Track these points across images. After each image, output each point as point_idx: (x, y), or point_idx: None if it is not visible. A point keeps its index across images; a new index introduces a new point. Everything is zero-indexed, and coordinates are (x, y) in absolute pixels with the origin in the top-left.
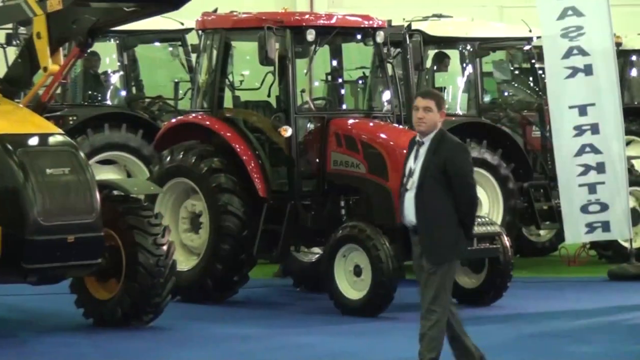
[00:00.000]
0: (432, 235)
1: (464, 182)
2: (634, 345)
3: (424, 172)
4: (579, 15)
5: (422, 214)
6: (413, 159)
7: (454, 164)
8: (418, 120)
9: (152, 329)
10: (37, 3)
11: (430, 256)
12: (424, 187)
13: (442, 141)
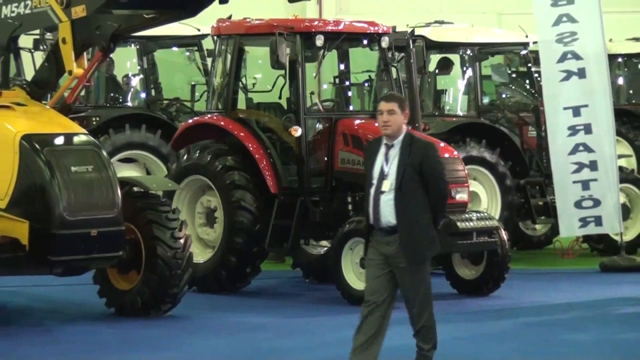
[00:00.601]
0: (413, 235)
1: (438, 179)
2: (624, 334)
3: (401, 174)
4: (572, 22)
5: (403, 215)
6: (384, 162)
7: (429, 163)
8: (384, 123)
9: (170, 317)
10: (62, 10)
11: (412, 256)
12: (402, 189)
13: (413, 142)
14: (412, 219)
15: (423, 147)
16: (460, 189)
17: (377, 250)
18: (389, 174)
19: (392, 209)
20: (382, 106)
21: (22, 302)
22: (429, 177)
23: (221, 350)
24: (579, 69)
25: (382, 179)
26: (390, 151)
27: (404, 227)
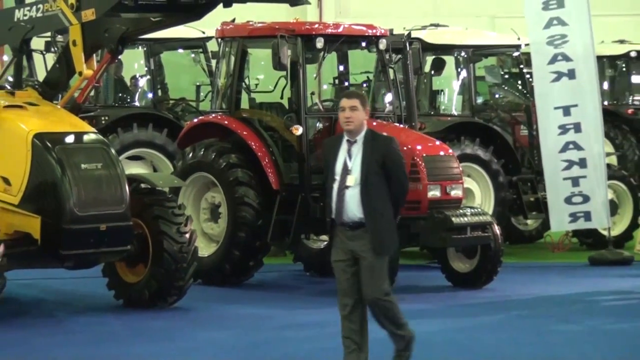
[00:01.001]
0: (379, 228)
1: (400, 172)
2: (612, 325)
3: (366, 169)
4: (563, 25)
5: (369, 209)
6: (347, 157)
7: (391, 158)
8: (346, 119)
9: (175, 309)
10: (72, 13)
11: (379, 247)
12: (368, 183)
13: (375, 138)
14: (377, 212)
15: (385, 142)
16: (455, 185)
17: (341, 249)
18: (352, 169)
19: (358, 203)
20: (344, 103)
21: (34, 294)
22: (391, 171)
23: (225, 341)
24: (569, 70)
25: (346, 174)
26: (353, 147)
27: (371, 220)
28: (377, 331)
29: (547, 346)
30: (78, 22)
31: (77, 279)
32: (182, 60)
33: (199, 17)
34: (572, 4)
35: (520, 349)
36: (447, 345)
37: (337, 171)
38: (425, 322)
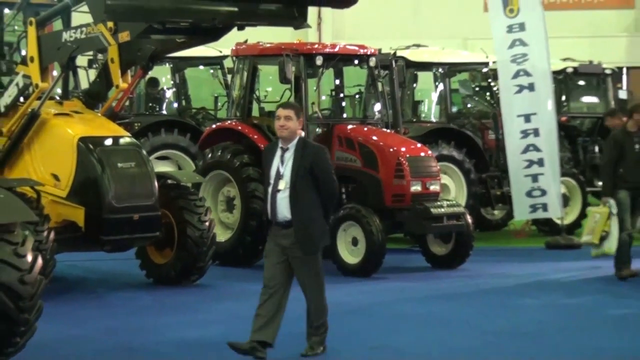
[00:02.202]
0: (306, 228)
1: (328, 178)
2: (564, 299)
3: (295, 174)
4: (524, 45)
5: (297, 210)
6: (280, 164)
7: (319, 165)
8: (280, 127)
9: (197, 286)
10: (111, 35)
11: (307, 247)
12: (296, 187)
13: (305, 146)
14: (305, 214)
15: (314, 151)
16: (434, 181)
17: (274, 242)
18: (284, 174)
19: (287, 205)
20: (280, 112)
21: (78, 274)
22: (320, 178)
23: (239, 312)
24: (529, 84)
25: (278, 178)
26: (286, 154)
27: (298, 221)
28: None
29: (510, 317)
30: (115, 42)
31: (114, 261)
32: (202, 75)
33: (216, 38)
34: (532, 28)
35: (488, 320)
36: (427, 317)
37: (271, 175)
38: (408, 298)
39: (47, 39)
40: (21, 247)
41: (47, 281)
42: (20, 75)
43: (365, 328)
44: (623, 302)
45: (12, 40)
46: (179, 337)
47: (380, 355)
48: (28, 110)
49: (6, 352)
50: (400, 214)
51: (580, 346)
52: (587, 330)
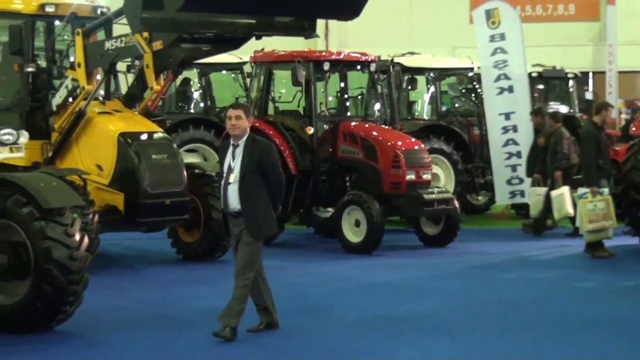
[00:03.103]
0: (255, 216)
1: (275, 172)
2: (538, 274)
3: (244, 168)
4: (504, 53)
5: (246, 201)
6: (231, 159)
7: (267, 160)
8: (232, 126)
9: (220, 262)
10: (146, 44)
11: (254, 233)
12: (245, 180)
13: (254, 143)
14: (253, 205)
15: (262, 147)
16: (426, 171)
17: (231, 231)
18: (234, 168)
19: (237, 196)
20: (231, 112)
21: (119, 251)
22: (267, 172)
23: None
24: (509, 86)
25: (229, 172)
26: (236, 150)
27: (247, 211)
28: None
29: (492, 289)
30: (150, 50)
31: (149, 240)
32: (225, 79)
33: (237, 47)
34: (511, 38)
35: (473, 291)
36: (419, 289)
37: (224, 170)
38: (403, 272)
39: (92, 48)
40: (70, 228)
41: (92, 257)
42: (69, 79)
43: (367, 298)
44: (589, 276)
45: (62, 48)
46: (204, 306)
47: (380, 322)
48: (76, 109)
49: (58, 319)
50: (397, 200)
51: (552, 314)
52: (558, 300)
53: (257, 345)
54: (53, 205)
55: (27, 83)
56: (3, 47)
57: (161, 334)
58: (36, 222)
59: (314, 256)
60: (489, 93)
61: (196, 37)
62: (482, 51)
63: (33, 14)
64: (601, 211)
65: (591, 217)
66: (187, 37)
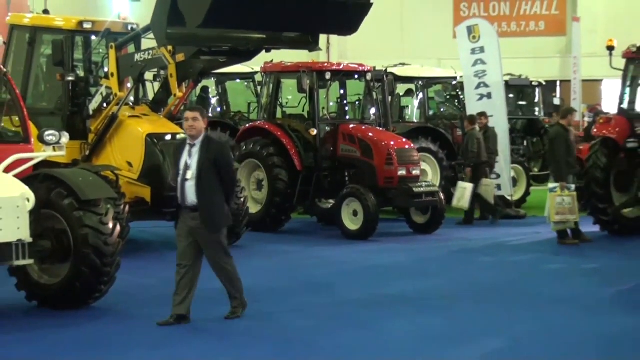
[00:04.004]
0: (210, 211)
1: (229, 170)
2: (513, 257)
3: (200, 166)
4: (483, 64)
5: (202, 196)
6: (188, 157)
7: (221, 158)
8: (189, 127)
9: (234, 247)
10: (170, 56)
11: (211, 227)
12: (202, 177)
13: (210, 142)
14: (209, 199)
15: (218, 146)
16: (415, 167)
17: (184, 224)
18: (191, 166)
19: (194, 192)
20: (188, 115)
21: (146, 237)
22: (222, 169)
23: (267, 266)
24: (488, 93)
25: (186, 169)
26: (193, 149)
27: (203, 205)
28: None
29: (472, 270)
30: (173, 62)
31: (172, 227)
32: (239, 87)
33: (249, 58)
34: (489, 51)
35: (456, 272)
36: (409, 270)
37: (181, 167)
38: (395, 255)
39: (123, 59)
40: (105, 217)
41: (123, 243)
42: (103, 87)
43: (364, 279)
44: (557, 259)
45: (97, 60)
46: (219, 285)
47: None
48: (109, 113)
49: (94, 297)
50: (390, 192)
51: (524, 291)
52: (529, 279)
53: (265, 319)
54: (90, 197)
55: (67, 90)
56: (47, 59)
57: None
58: (75, 212)
59: (317, 242)
60: (470, 99)
61: (214, 50)
62: (464, 62)
63: (73, 30)
64: (568, 205)
65: (558, 210)
66: (206, 50)
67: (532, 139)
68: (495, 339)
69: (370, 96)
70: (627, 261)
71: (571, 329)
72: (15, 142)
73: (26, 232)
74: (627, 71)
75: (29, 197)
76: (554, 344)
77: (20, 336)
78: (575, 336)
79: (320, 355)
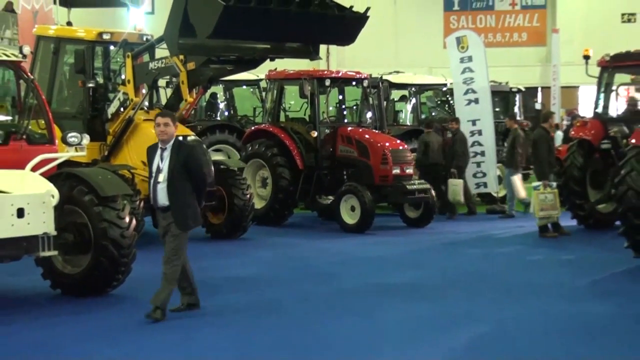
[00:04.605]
0: (182, 211)
1: (199, 172)
2: (497, 249)
3: (172, 169)
4: (471, 72)
5: (173, 197)
6: (159, 160)
7: (192, 161)
8: (161, 132)
9: (241, 239)
10: (182, 65)
11: (181, 225)
12: (173, 179)
13: (180, 146)
14: (179, 200)
15: (188, 150)
16: (409, 166)
17: (159, 224)
18: (163, 169)
19: (165, 194)
20: (159, 120)
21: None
22: (192, 171)
23: (270, 257)
24: (475, 99)
25: (158, 172)
26: (164, 152)
27: (175, 206)
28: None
29: (460, 261)
30: (184, 70)
31: None
32: (245, 93)
33: (255, 67)
34: (477, 60)
35: (446, 263)
36: (403, 261)
37: (153, 170)
38: (390, 247)
39: (139, 68)
40: (122, 212)
41: (138, 236)
42: (120, 92)
43: (361, 269)
44: (538, 250)
45: (115, 68)
46: (227, 274)
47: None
48: (126, 117)
49: (112, 285)
50: (385, 189)
51: (507, 280)
52: (511, 269)
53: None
54: (108, 194)
55: (88, 96)
56: (70, 67)
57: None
58: (95, 208)
59: (317, 235)
60: (459, 104)
61: (222, 59)
62: (453, 70)
63: (93, 40)
64: (550, 202)
65: (542, 206)
66: (214, 59)
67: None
68: (482, 324)
69: (367, 101)
70: (601, 253)
71: (551, 315)
72: (41, 143)
73: (51, 226)
74: (602, 78)
75: (53, 194)
76: (535, 328)
77: (45, 321)
78: (554, 321)
79: (320, 339)
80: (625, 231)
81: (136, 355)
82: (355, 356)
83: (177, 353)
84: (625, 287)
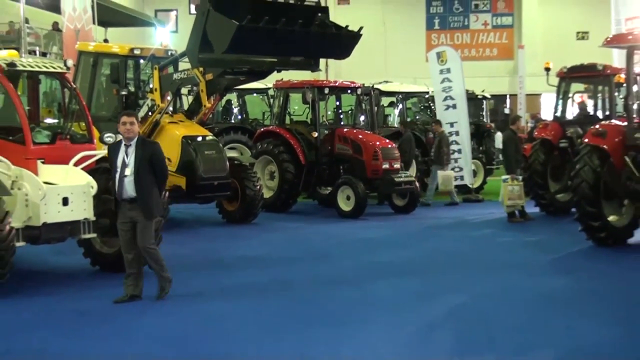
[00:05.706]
0: (147, 202)
1: (162, 166)
2: (472, 232)
3: (138, 163)
4: (449, 82)
5: (140, 190)
6: (125, 156)
7: (155, 156)
8: (126, 130)
9: (252, 224)
10: (201, 76)
11: (147, 215)
12: (139, 172)
13: (144, 143)
14: (145, 192)
15: (152, 146)
16: (396, 162)
17: (124, 214)
18: (129, 164)
19: (132, 186)
20: (125, 119)
21: (182, 217)
22: (155, 165)
23: (278, 239)
24: (453, 104)
25: (124, 167)
26: (129, 149)
27: (141, 197)
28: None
29: (439, 242)
30: (204, 80)
31: (203, 209)
32: (255, 100)
33: (264, 77)
34: (454, 71)
35: (427, 243)
36: (392, 242)
37: (118, 165)
38: (380, 231)
39: (164, 78)
40: None
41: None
42: (149, 99)
43: (355, 249)
44: (507, 233)
45: (144, 78)
46: (240, 254)
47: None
48: (153, 120)
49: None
50: (376, 182)
51: (479, 259)
52: (485, 250)
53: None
54: None
55: (121, 102)
56: (106, 78)
57: (211, 273)
58: None
59: (318, 220)
60: (439, 109)
61: (235, 70)
62: (434, 80)
63: (125, 55)
64: (517, 192)
65: (510, 196)
66: (229, 70)
67: (477, 140)
68: (459, 295)
69: (360, 106)
70: (560, 235)
71: (518, 288)
72: (82, 142)
73: (91, 212)
74: (560, 87)
75: (92, 185)
76: (504, 300)
77: (87, 293)
78: (520, 292)
79: (320, 308)
80: (580, 217)
81: (165, 321)
82: (349, 323)
83: (198, 319)
84: (580, 264)
